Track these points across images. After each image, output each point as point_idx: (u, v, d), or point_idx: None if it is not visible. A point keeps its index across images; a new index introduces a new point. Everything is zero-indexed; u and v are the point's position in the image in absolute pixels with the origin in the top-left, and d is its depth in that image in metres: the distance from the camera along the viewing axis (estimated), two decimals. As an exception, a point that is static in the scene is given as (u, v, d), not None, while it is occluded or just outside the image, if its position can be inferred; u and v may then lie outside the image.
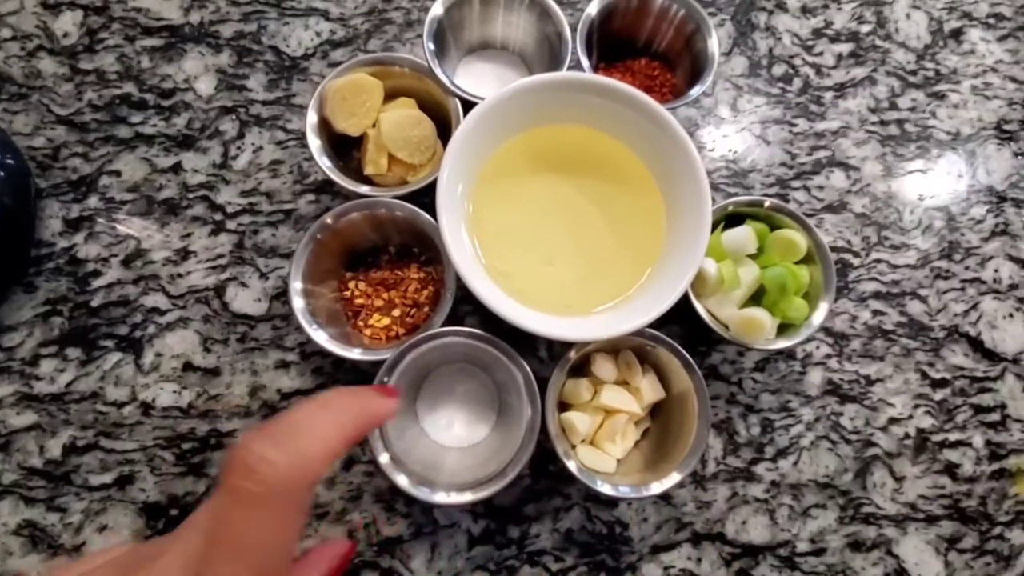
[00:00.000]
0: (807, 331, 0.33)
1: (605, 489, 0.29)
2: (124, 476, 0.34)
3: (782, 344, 0.32)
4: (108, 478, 0.34)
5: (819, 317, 0.33)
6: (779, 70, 0.44)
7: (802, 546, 0.36)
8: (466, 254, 0.31)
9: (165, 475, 0.34)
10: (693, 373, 0.31)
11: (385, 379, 0.29)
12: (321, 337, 0.30)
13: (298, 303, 0.30)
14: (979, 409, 0.39)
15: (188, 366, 0.36)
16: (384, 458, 0.28)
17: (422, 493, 0.28)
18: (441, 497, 0.28)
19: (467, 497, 0.28)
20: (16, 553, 0.33)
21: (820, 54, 0.45)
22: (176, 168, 0.39)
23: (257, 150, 0.39)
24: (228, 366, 0.36)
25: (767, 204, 0.34)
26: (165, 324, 0.36)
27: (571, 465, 0.29)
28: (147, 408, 0.35)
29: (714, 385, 0.38)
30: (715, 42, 0.36)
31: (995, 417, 0.39)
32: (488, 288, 0.30)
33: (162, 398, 0.35)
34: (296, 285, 0.31)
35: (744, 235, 0.33)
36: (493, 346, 0.31)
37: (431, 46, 0.34)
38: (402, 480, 0.28)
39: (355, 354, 0.30)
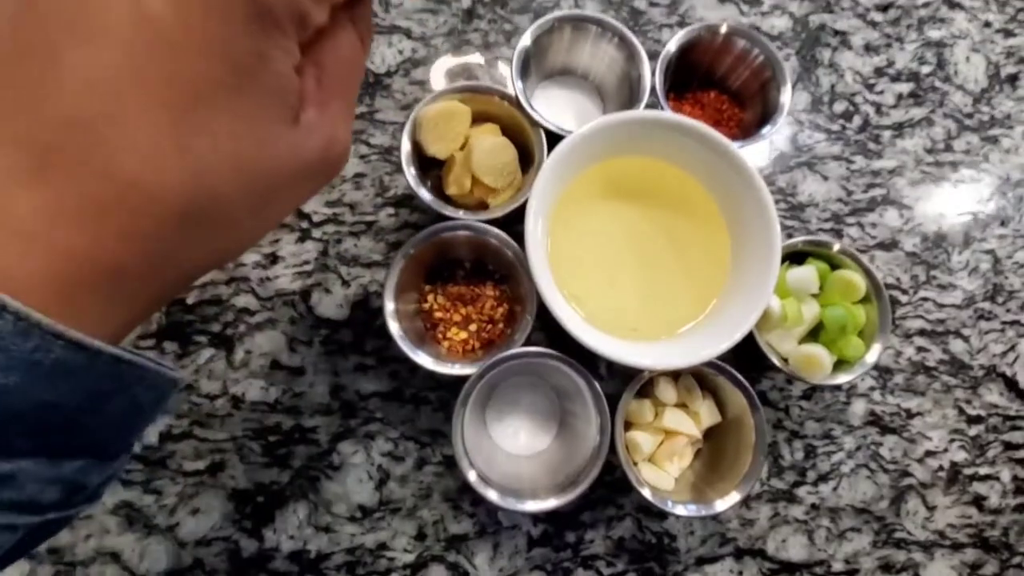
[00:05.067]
0: (860, 369, 0.35)
1: (677, 510, 0.31)
2: (215, 463, 0.37)
3: (837, 380, 0.35)
4: (201, 464, 0.37)
5: (872, 357, 0.35)
6: (840, 107, 0.46)
7: (837, 566, 0.39)
8: (549, 282, 0.33)
9: (253, 464, 0.37)
10: (756, 412, 0.33)
11: (474, 387, 0.32)
12: (427, 361, 0.32)
13: (394, 328, 0.33)
14: (1009, 446, 0.42)
15: (275, 364, 0.38)
16: (472, 476, 0.31)
17: (509, 503, 0.30)
18: (530, 506, 0.30)
19: (551, 503, 0.31)
20: (113, 531, 0.36)
21: (881, 93, 0.46)
22: (266, 176, 0.41)
23: (341, 162, 0.41)
24: (311, 366, 0.38)
25: (836, 248, 0.36)
26: (254, 324, 0.39)
27: (645, 492, 0.32)
28: (237, 401, 0.38)
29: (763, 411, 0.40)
30: (788, 92, 0.37)
31: (1023, 454, 0.42)
32: (569, 315, 0.32)
33: (251, 393, 0.38)
34: (389, 307, 0.33)
35: (809, 275, 0.35)
36: (568, 366, 0.33)
37: (520, 84, 0.36)
38: (492, 495, 0.30)
39: (455, 369, 0.33)
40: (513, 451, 0.37)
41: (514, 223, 0.35)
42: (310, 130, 0.16)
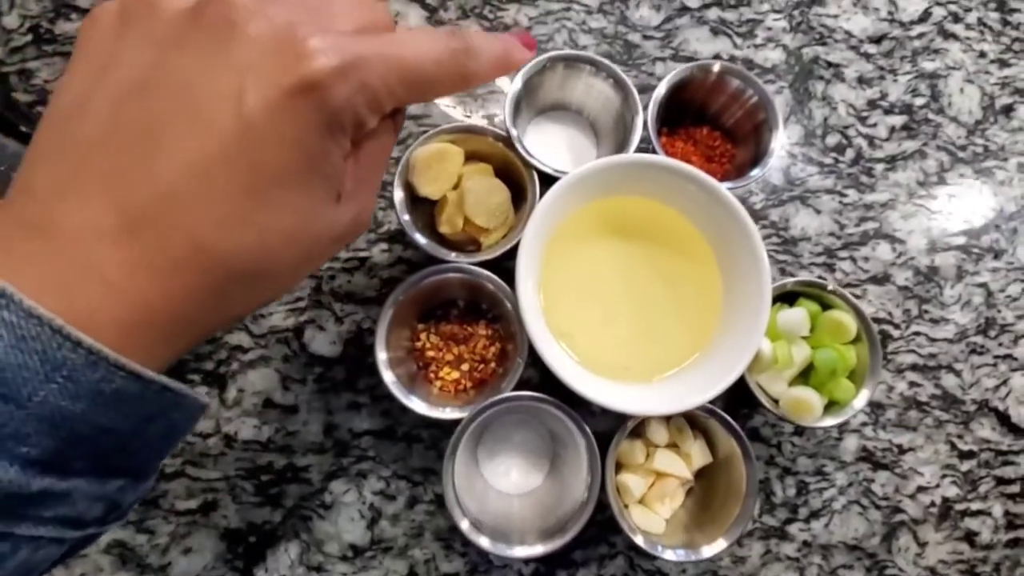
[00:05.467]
0: (849, 412, 0.35)
1: (667, 555, 0.31)
2: (208, 503, 0.37)
3: (827, 423, 0.35)
4: (193, 504, 0.37)
5: (861, 401, 0.35)
6: (833, 140, 0.46)
7: (828, 603, 0.39)
8: (541, 327, 0.33)
9: (245, 504, 0.37)
10: (748, 460, 0.33)
11: (463, 433, 0.32)
12: (420, 407, 0.33)
13: (387, 376, 0.33)
14: (1001, 481, 0.42)
15: (268, 402, 0.38)
16: (464, 524, 0.31)
17: (499, 549, 0.30)
18: (519, 551, 0.30)
19: (538, 550, 0.31)
20: (106, 570, 0.36)
21: (874, 125, 0.47)
22: (260, 212, 0.41)
23: (335, 197, 0.41)
24: (304, 404, 0.38)
25: (830, 287, 0.36)
26: (248, 362, 0.39)
27: (638, 539, 0.32)
28: (230, 440, 0.38)
29: (754, 447, 0.40)
30: (780, 136, 0.37)
31: (1015, 489, 0.42)
32: (560, 360, 0.32)
33: (244, 431, 0.38)
34: (382, 356, 0.33)
35: (799, 318, 0.35)
36: (560, 411, 0.34)
37: (514, 131, 0.36)
38: (484, 542, 0.30)
39: (447, 413, 0.33)
40: (505, 489, 0.37)
41: (506, 260, 0.35)
42: (346, 204, 0.19)
